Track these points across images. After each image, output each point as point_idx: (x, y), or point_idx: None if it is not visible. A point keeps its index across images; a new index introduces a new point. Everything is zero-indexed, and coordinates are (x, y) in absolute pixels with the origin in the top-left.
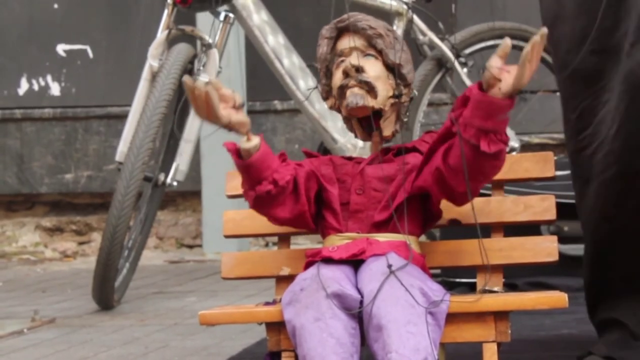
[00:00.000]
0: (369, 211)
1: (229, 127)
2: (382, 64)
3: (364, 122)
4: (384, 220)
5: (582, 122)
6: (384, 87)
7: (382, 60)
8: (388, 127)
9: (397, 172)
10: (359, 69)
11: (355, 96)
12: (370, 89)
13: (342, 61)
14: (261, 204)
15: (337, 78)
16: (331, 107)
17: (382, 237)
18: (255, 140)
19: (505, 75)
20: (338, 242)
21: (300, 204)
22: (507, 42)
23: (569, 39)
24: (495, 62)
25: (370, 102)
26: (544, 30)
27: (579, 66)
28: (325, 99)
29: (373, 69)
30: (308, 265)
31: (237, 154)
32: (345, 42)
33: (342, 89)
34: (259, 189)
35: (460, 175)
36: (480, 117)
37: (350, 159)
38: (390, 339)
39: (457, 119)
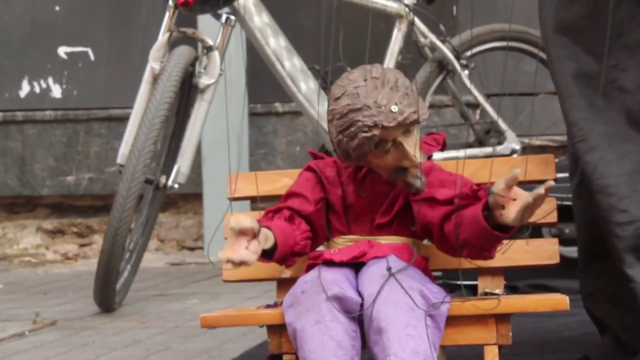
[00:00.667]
0: (372, 214)
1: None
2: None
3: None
4: (386, 222)
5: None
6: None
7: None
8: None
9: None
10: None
11: (419, 180)
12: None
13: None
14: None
15: (392, 161)
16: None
17: (384, 240)
18: (269, 242)
19: (510, 205)
20: (341, 245)
21: (321, 238)
22: (516, 173)
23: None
24: (501, 191)
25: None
26: (550, 183)
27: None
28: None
29: (413, 143)
30: (309, 268)
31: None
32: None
33: (403, 173)
34: (289, 264)
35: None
36: (484, 242)
37: None
38: (390, 342)
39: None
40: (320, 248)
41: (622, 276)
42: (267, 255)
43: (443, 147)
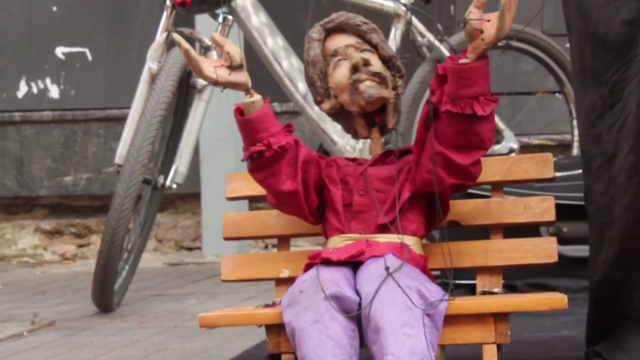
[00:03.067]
0: (372, 212)
1: (223, 85)
2: (378, 58)
3: (368, 117)
4: (389, 221)
5: (613, 96)
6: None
7: (378, 54)
8: (390, 119)
9: (400, 173)
10: (367, 63)
11: (373, 88)
12: (382, 80)
13: (340, 60)
14: (256, 168)
15: (342, 75)
16: (329, 110)
17: (383, 238)
18: (255, 97)
19: (487, 25)
20: (340, 243)
21: (295, 181)
22: None
23: (600, 9)
24: (474, 14)
25: (385, 93)
26: None
27: (609, 37)
28: (319, 102)
29: (376, 63)
30: (308, 268)
31: (240, 111)
32: (338, 41)
33: (354, 83)
34: (253, 148)
35: (461, 145)
36: (466, 86)
37: (353, 160)
38: (387, 342)
39: (440, 99)
40: (319, 248)
41: None
42: (244, 113)
43: None
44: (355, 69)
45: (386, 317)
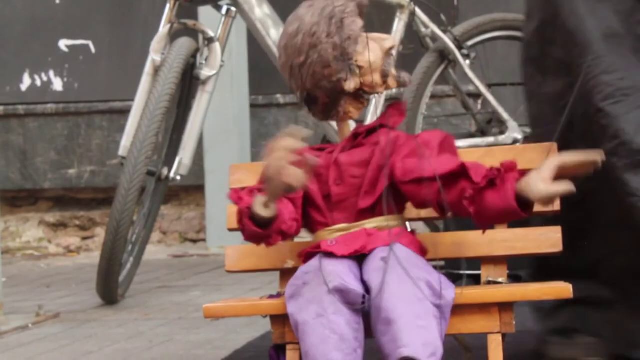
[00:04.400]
0: (351, 199)
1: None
2: None
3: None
4: (370, 205)
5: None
6: None
7: None
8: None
9: (371, 155)
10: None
11: (403, 72)
12: None
13: (368, 40)
14: (252, 239)
15: (377, 56)
16: (353, 89)
17: (371, 224)
18: (272, 211)
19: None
20: (328, 237)
21: (297, 232)
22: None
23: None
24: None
25: None
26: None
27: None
28: (344, 80)
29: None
30: (307, 257)
31: (249, 215)
32: (359, 22)
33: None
34: (270, 242)
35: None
36: (502, 220)
37: (321, 149)
38: (401, 333)
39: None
40: (308, 239)
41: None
42: (262, 224)
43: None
44: (389, 52)
45: (398, 309)
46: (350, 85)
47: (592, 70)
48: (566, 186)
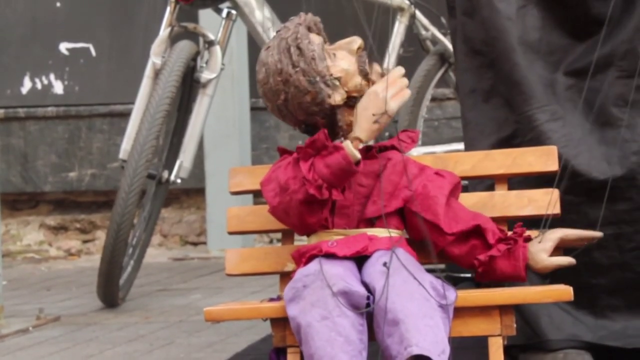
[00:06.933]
0: (355, 207)
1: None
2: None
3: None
4: (375, 217)
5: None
6: None
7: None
8: None
9: (383, 168)
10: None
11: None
12: None
13: (331, 51)
14: (308, 207)
15: (348, 62)
16: (340, 101)
17: (371, 232)
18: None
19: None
20: (327, 238)
21: (324, 213)
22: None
23: None
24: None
25: None
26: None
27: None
28: (329, 97)
29: None
30: (308, 259)
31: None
32: (317, 37)
33: (364, 64)
34: (337, 194)
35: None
36: (502, 279)
37: None
38: (410, 333)
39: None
40: (303, 242)
41: None
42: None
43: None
44: (358, 51)
45: (406, 309)
46: (337, 98)
47: (539, 118)
48: (569, 260)
